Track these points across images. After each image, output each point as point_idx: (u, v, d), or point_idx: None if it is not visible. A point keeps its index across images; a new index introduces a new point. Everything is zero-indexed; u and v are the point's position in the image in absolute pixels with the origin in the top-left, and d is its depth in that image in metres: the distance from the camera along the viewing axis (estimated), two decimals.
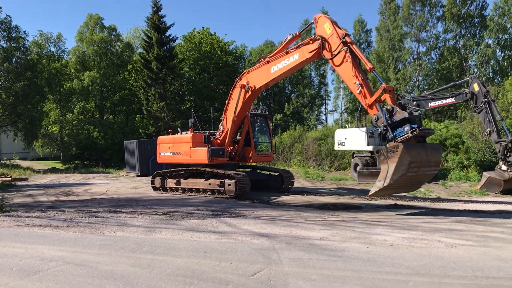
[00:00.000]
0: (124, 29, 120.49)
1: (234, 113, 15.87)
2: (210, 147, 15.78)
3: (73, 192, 18.67)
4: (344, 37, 12.50)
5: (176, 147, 17.26)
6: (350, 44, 12.44)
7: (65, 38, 53.75)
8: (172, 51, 40.33)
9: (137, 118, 42.91)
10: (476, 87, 16.24)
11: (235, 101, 15.87)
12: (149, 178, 19.34)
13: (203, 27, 49.40)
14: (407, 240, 8.18)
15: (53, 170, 36.24)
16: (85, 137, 40.44)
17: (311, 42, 13.38)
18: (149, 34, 39.18)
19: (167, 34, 39.46)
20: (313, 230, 9.22)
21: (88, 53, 48.95)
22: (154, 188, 17.98)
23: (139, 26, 59.08)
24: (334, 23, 13.12)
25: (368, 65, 12.07)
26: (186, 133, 17.67)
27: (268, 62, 14.90)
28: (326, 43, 12.94)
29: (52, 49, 49.62)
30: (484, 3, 43.51)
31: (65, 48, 51.12)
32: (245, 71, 16.29)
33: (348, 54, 12.28)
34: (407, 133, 10.75)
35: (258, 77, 15.33)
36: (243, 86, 15.55)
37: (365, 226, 9.75)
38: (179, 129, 18.71)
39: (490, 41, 43.19)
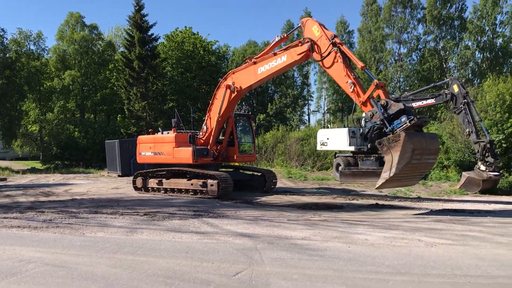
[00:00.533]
0: (105, 27, 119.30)
1: (219, 113, 15.83)
2: (195, 147, 15.71)
3: (53, 192, 18.38)
4: (333, 38, 12.66)
5: (158, 147, 17.11)
6: (339, 45, 12.59)
7: (45, 36, 52.82)
8: (155, 50, 40.06)
9: (118, 118, 42.49)
10: (455, 88, 16.50)
11: (220, 101, 15.83)
12: (131, 178, 19.16)
13: (185, 27, 49.24)
14: (388, 239, 8.26)
15: (33, 170, 35.66)
16: (66, 136, 39.88)
17: (299, 44, 13.51)
18: (131, 33, 38.85)
19: (150, 33, 39.19)
20: (295, 230, 9.25)
21: (69, 51, 48.29)
22: (136, 188, 17.81)
23: (121, 25, 58.74)
24: (321, 25, 13.31)
25: (360, 64, 12.25)
26: (168, 132, 17.55)
27: (255, 63, 14.91)
28: (315, 46, 13.09)
29: (32, 47, 48.94)
30: (463, 6, 44.30)
31: (45, 47, 50.47)
32: (230, 71, 16.26)
33: (338, 54, 12.44)
34: (405, 123, 10.83)
35: (244, 77, 15.33)
36: (228, 87, 15.52)
37: (347, 225, 9.83)
38: (160, 129, 18.56)
39: (469, 43, 43.96)
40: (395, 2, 44.17)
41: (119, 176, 27.71)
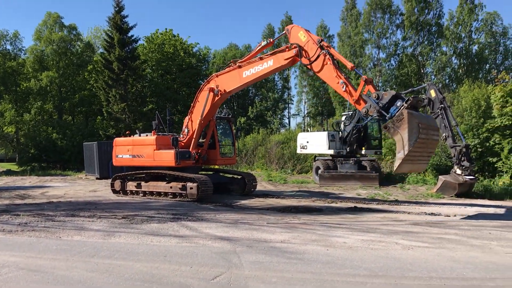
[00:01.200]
0: (84, 28, 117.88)
1: (201, 116, 15.78)
2: (178, 150, 15.62)
3: (29, 195, 18.05)
4: (320, 42, 12.90)
5: (137, 149, 16.93)
6: (327, 48, 12.84)
7: (22, 36, 51.66)
8: (134, 52, 39.71)
9: (97, 120, 41.98)
10: (433, 93, 16.75)
11: (202, 104, 15.79)
12: (109, 181, 18.92)
13: (166, 29, 49.04)
14: (366, 242, 8.35)
15: (8, 173, 34.96)
16: (44, 138, 39.19)
17: (287, 49, 13.63)
18: (110, 34, 38.41)
19: (129, 34, 38.80)
20: (275, 233, 9.27)
21: (47, 52, 47.51)
22: (114, 191, 17.60)
23: (100, 26, 57.98)
24: (307, 31, 13.55)
25: (349, 64, 12.47)
26: (147, 135, 17.40)
27: (240, 66, 14.93)
28: (303, 51, 13.26)
29: (8, 47, 48.01)
30: (441, 13, 45.19)
31: (22, 47, 49.56)
32: (213, 74, 16.24)
33: (327, 56, 12.65)
34: (402, 105, 11.00)
35: (228, 81, 15.34)
36: (212, 90, 15.50)
37: (326, 228, 9.89)
38: (137, 131, 18.39)
39: (446, 49, 44.86)
40: (374, 8, 44.80)
41: (97, 178, 27.39)
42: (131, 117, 37.60)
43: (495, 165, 20.44)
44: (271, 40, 15.55)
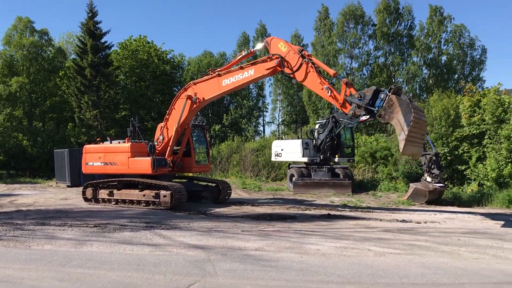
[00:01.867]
0: (56, 33, 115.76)
1: (178, 123, 15.70)
2: (155, 157, 15.48)
3: None
4: (301, 52, 13.29)
5: (109, 156, 16.68)
6: (309, 57, 13.23)
7: None
8: (108, 58, 39.20)
9: (68, 127, 41.17)
10: None
11: (179, 111, 15.72)
12: (80, 189, 18.58)
13: (140, 35, 48.60)
14: (339, 249, 8.45)
15: None
16: (13, 145, 38.16)
17: (268, 60, 13.80)
18: (83, 40, 37.85)
19: (103, 40, 38.32)
20: (249, 241, 9.28)
21: (17, 57, 46.38)
22: (86, 199, 17.28)
23: (72, 32, 57.03)
24: (287, 42, 13.89)
25: (331, 71, 12.95)
26: (119, 142, 17.18)
27: (219, 75, 14.96)
28: (285, 61, 13.50)
29: None
30: (412, 24, 46.21)
31: None
32: (191, 82, 16.19)
33: (310, 64, 13.03)
34: (387, 95, 11.38)
35: (207, 89, 15.34)
36: (189, 97, 15.45)
37: (299, 236, 9.97)
38: (108, 138, 18.12)
39: (416, 59, 45.93)
40: (347, 18, 45.47)
41: (68, 186, 26.86)
42: (104, 124, 37.05)
43: (464, 173, 20.97)
44: (252, 50, 15.71)
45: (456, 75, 47.08)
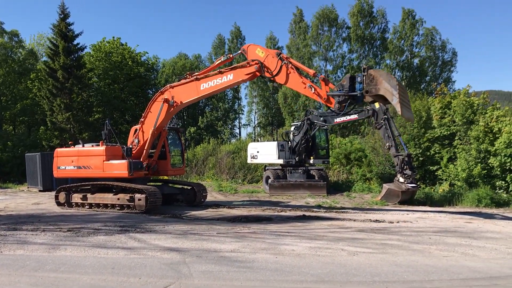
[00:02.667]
0: (27, 35, 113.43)
1: (154, 126, 15.61)
2: (131, 160, 15.35)
3: None
4: (279, 55, 13.58)
5: (83, 160, 16.44)
6: (287, 59, 13.52)
7: None
8: (80, 60, 38.58)
9: (40, 130, 40.37)
10: (376, 105, 17.39)
11: (155, 114, 15.63)
12: (53, 193, 18.27)
13: (113, 37, 48.03)
14: (313, 249, 8.57)
15: None
16: None
17: (248, 65, 13.93)
18: (55, 42, 37.20)
19: (75, 42, 37.73)
20: (224, 242, 9.32)
21: None
22: (58, 203, 17.00)
23: (44, 33, 55.97)
24: (263, 47, 14.17)
25: (311, 71, 13.41)
26: (92, 145, 16.96)
27: (197, 79, 14.95)
28: (264, 67, 13.71)
29: None
30: (385, 27, 47.10)
31: None
32: (168, 85, 16.09)
33: (290, 65, 13.34)
34: (363, 75, 12.07)
35: (184, 92, 15.30)
36: (166, 100, 15.38)
37: (275, 237, 10.06)
38: (80, 141, 17.87)
39: (389, 62, 46.78)
40: (322, 21, 46.00)
41: (40, 191, 26.37)
42: (77, 127, 36.46)
43: (436, 173, 21.45)
44: (231, 55, 15.78)
45: (428, 77, 48.13)
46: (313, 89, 12.98)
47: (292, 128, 23.78)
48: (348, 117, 18.49)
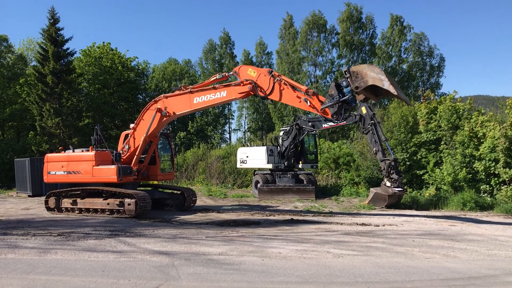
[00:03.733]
0: (16, 39, 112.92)
1: (146, 133, 15.74)
2: (120, 165, 15.47)
3: None
4: (271, 73, 13.74)
5: (72, 165, 16.52)
6: (279, 76, 13.68)
7: None
8: (70, 65, 38.54)
9: (29, 135, 40.21)
10: (364, 110, 17.68)
11: (147, 122, 15.77)
12: (42, 198, 18.28)
13: (103, 42, 48.06)
14: (300, 252, 8.79)
15: None
16: None
17: (241, 84, 14.07)
18: (44, 46, 37.14)
19: (65, 47, 37.72)
20: (213, 246, 9.50)
21: None
22: (48, 208, 17.04)
23: (33, 38, 55.83)
24: (254, 67, 14.50)
25: (303, 88, 13.51)
26: (82, 150, 17.06)
27: (191, 92, 15.10)
28: (257, 86, 13.87)
29: None
30: (373, 33, 47.70)
31: None
32: (162, 95, 16.19)
33: (283, 82, 13.47)
34: (347, 77, 12.26)
35: (178, 104, 15.46)
36: (159, 110, 15.51)
37: (262, 240, 10.26)
38: (70, 147, 17.95)
39: None
40: (311, 27, 46.44)
41: (29, 196, 26.29)
42: (66, 132, 36.40)
43: (422, 177, 21.82)
44: (226, 74, 15.89)
45: (415, 82, 48.78)
46: (308, 102, 13.12)
47: (281, 133, 24.02)
48: (336, 122, 18.75)
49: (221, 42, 56.47)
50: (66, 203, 16.53)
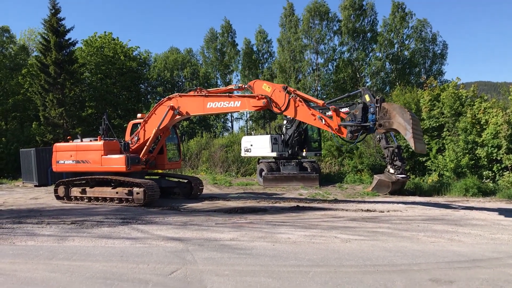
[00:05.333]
0: (17, 30, 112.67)
1: (158, 127, 15.89)
2: (129, 155, 15.71)
3: None
4: (286, 88, 13.67)
5: (81, 154, 16.76)
6: (294, 92, 13.65)
7: None
8: (72, 55, 38.61)
9: (33, 125, 40.43)
10: (367, 98, 17.78)
11: (160, 117, 15.84)
12: (49, 188, 18.58)
13: (105, 32, 48.05)
14: (308, 237, 9.07)
15: None
16: None
17: (256, 98, 14.02)
18: (46, 37, 37.23)
19: (67, 37, 37.77)
20: (223, 232, 9.79)
21: None
22: (58, 197, 17.31)
23: (34, 28, 55.73)
24: (269, 82, 14.43)
25: (320, 102, 13.62)
26: (91, 140, 17.30)
27: (206, 96, 15.14)
28: (272, 101, 13.84)
29: None
30: (375, 20, 47.63)
31: None
32: (177, 93, 16.19)
33: (297, 99, 13.40)
34: (376, 106, 12.03)
35: (191, 105, 15.53)
36: (173, 108, 15.61)
37: (271, 226, 10.54)
38: (78, 136, 18.16)
39: (379, 55, 47.33)
40: (312, 15, 46.38)
41: (35, 186, 26.57)
42: (70, 122, 36.62)
43: (425, 164, 22.04)
44: (243, 86, 15.88)
45: (417, 69, 48.78)
46: (323, 120, 13.00)
47: (285, 122, 24.21)
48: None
49: (223, 30, 56.45)
50: (75, 192, 16.80)
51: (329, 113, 13.52)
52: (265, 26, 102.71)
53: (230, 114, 58.84)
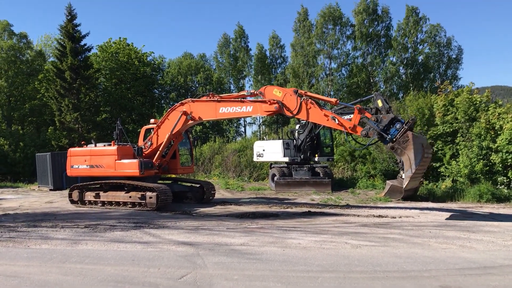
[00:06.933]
0: (34, 35, 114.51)
1: (171, 132, 16.03)
2: (142, 160, 15.89)
3: None
4: (297, 92, 13.78)
5: (95, 159, 16.98)
6: (305, 94, 13.75)
7: None
8: (87, 60, 39.18)
9: (49, 130, 41.02)
10: (379, 103, 17.74)
11: (172, 122, 15.99)
12: (63, 192, 18.81)
13: (120, 37, 48.63)
14: (318, 242, 9.09)
15: None
16: None
17: (268, 103, 14.10)
18: (62, 43, 37.80)
19: (82, 43, 38.34)
20: (234, 237, 9.85)
21: None
22: (72, 201, 17.55)
23: (51, 34, 56.67)
24: (279, 87, 14.56)
25: (333, 100, 13.72)
26: (105, 145, 17.51)
27: (219, 101, 15.25)
28: (284, 106, 13.93)
29: None
30: (389, 24, 47.47)
31: None
32: (189, 99, 16.36)
33: (309, 101, 13.47)
34: (403, 127, 11.88)
35: (203, 111, 15.64)
36: (185, 113, 15.75)
37: (282, 232, 10.57)
38: (92, 141, 18.39)
39: (393, 59, 47.12)
40: (326, 20, 46.39)
41: (50, 190, 26.93)
42: (85, 127, 37.11)
43: (439, 170, 21.86)
44: (255, 92, 15.99)
45: (432, 74, 48.41)
46: (336, 120, 13.05)
47: (297, 127, 24.23)
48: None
49: (236, 35, 56.70)
50: (89, 196, 17.02)
51: (346, 117, 13.58)
52: (279, 31, 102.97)
53: (243, 119, 59.07)
